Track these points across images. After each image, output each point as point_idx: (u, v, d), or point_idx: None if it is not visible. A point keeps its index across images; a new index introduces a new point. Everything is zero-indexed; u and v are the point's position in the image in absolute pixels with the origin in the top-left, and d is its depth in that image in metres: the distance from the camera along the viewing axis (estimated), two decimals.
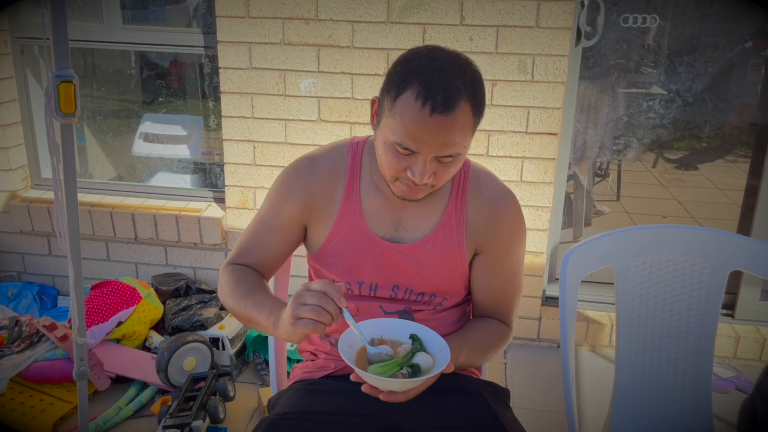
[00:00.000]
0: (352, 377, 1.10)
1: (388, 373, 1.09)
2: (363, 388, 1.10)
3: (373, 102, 1.22)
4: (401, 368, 1.10)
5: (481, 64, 2.41)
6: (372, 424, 1.25)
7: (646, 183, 3.74)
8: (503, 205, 1.32)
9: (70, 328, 2.42)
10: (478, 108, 1.14)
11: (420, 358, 1.13)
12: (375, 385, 1.08)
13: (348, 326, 1.14)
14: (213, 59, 2.77)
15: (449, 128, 1.11)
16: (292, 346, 2.32)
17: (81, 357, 1.61)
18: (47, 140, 1.38)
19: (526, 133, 2.48)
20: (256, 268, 1.36)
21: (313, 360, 1.42)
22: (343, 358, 1.08)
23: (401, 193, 1.22)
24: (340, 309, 1.07)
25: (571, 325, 1.44)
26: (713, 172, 3.68)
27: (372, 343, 1.16)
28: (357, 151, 1.33)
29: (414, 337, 1.18)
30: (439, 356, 1.14)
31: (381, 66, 2.48)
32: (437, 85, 1.09)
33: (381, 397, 1.09)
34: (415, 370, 1.10)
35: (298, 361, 1.96)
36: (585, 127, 3.01)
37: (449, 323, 1.37)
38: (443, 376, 1.15)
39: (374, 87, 2.51)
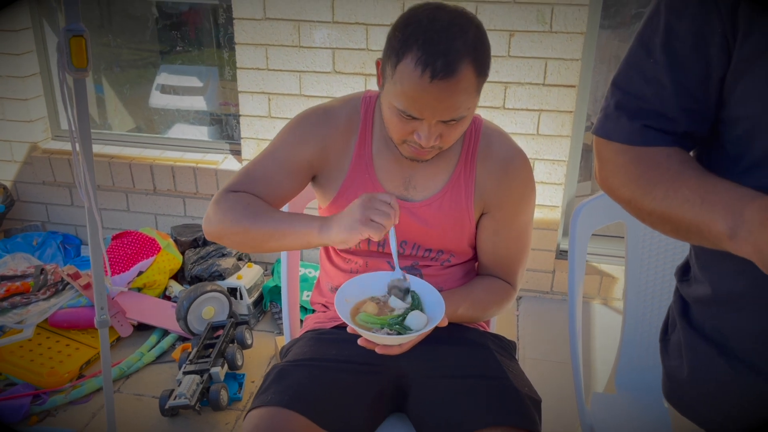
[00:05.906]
0: (348, 330, 1.15)
1: (376, 326, 1.15)
2: (359, 342, 1.15)
3: (377, 64, 1.21)
4: (389, 327, 1.15)
5: (499, 13, 2.36)
6: (379, 371, 1.29)
7: None
8: (513, 167, 1.31)
9: None
10: (481, 68, 1.13)
11: (411, 317, 1.17)
12: (369, 339, 1.14)
13: (345, 281, 1.23)
14: (228, 9, 2.74)
15: (451, 93, 1.10)
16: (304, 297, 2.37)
17: (102, 306, 1.67)
18: (60, 95, 1.39)
19: (543, 85, 2.44)
20: None
21: (324, 311, 1.46)
22: (338, 313, 1.14)
23: (409, 154, 1.23)
24: None
25: (579, 277, 1.45)
26: None
27: (378, 299, 1.22)
28: (369, 107, 1.33)
29: (413, 296, 1.22)
30: (434, 311, 1.18)
31: (397, 16, 2.43)
32: (437, 49, 1.07)
33: (377, 350, 1.14)
34: (401, 329, 1.15)
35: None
36: (606, 78, 2.94)
37: (456, 279, 1.39)
38: (450, 328, 1.18)
39: None
